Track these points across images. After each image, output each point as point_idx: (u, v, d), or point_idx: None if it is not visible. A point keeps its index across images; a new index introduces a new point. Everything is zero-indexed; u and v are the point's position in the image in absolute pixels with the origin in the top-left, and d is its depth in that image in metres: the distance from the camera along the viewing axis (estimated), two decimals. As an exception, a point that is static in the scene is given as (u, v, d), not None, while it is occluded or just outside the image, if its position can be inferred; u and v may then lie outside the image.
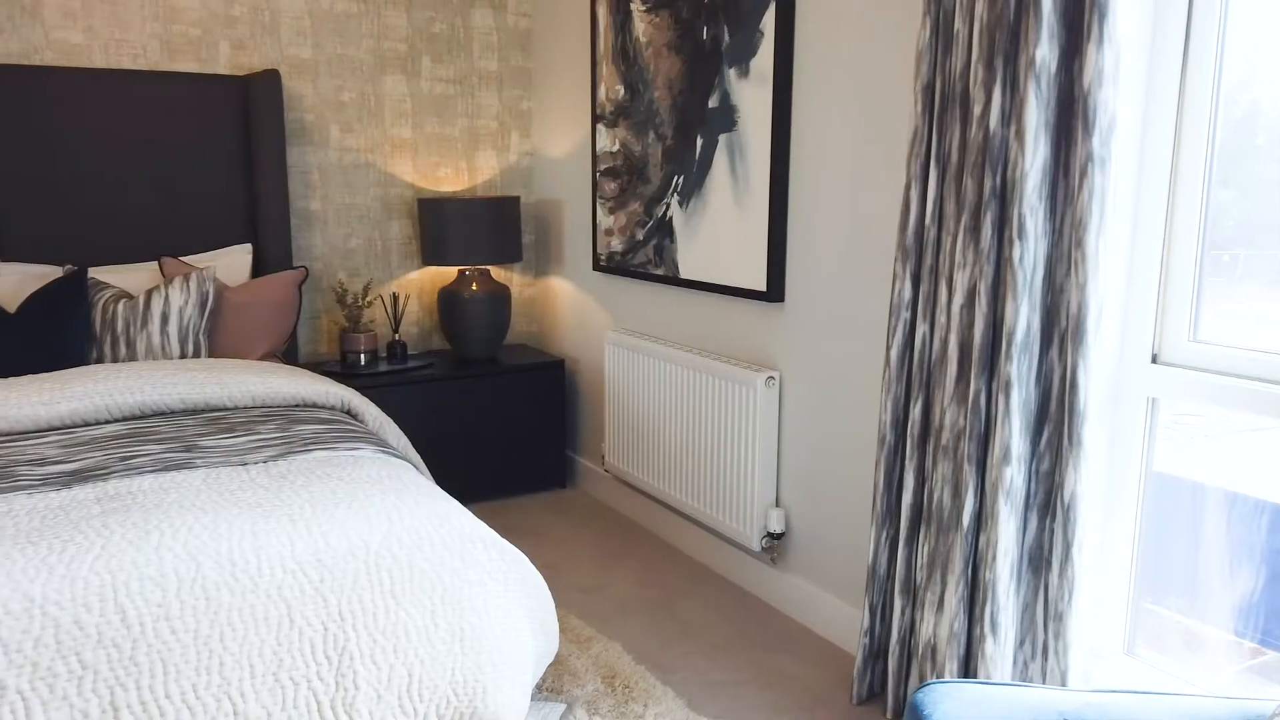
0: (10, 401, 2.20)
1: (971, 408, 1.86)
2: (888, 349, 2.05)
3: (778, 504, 2.70)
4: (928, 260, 1.96)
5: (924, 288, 1.97)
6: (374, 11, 3.49)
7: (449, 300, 3.53)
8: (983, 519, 1.87)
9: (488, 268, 3.66)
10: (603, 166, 3.34)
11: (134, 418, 2.34)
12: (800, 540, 2.64)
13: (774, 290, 2.59)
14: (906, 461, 2.04)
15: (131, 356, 2.75)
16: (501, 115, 3.80)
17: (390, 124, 3.59)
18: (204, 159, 3.19)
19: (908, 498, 2.04)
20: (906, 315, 2.02)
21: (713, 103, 2.75)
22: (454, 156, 3.74)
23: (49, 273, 2.87)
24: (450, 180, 3.75)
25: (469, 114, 3.74)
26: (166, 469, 1.94)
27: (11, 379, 2.40)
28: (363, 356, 3.41)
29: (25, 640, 1.39)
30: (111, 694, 1.42)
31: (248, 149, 3.26)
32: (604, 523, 3.38)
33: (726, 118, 2.71)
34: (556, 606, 2.67)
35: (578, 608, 2.70)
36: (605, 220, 3.35)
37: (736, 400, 2.69)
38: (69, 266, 2.92)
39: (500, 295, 3.58)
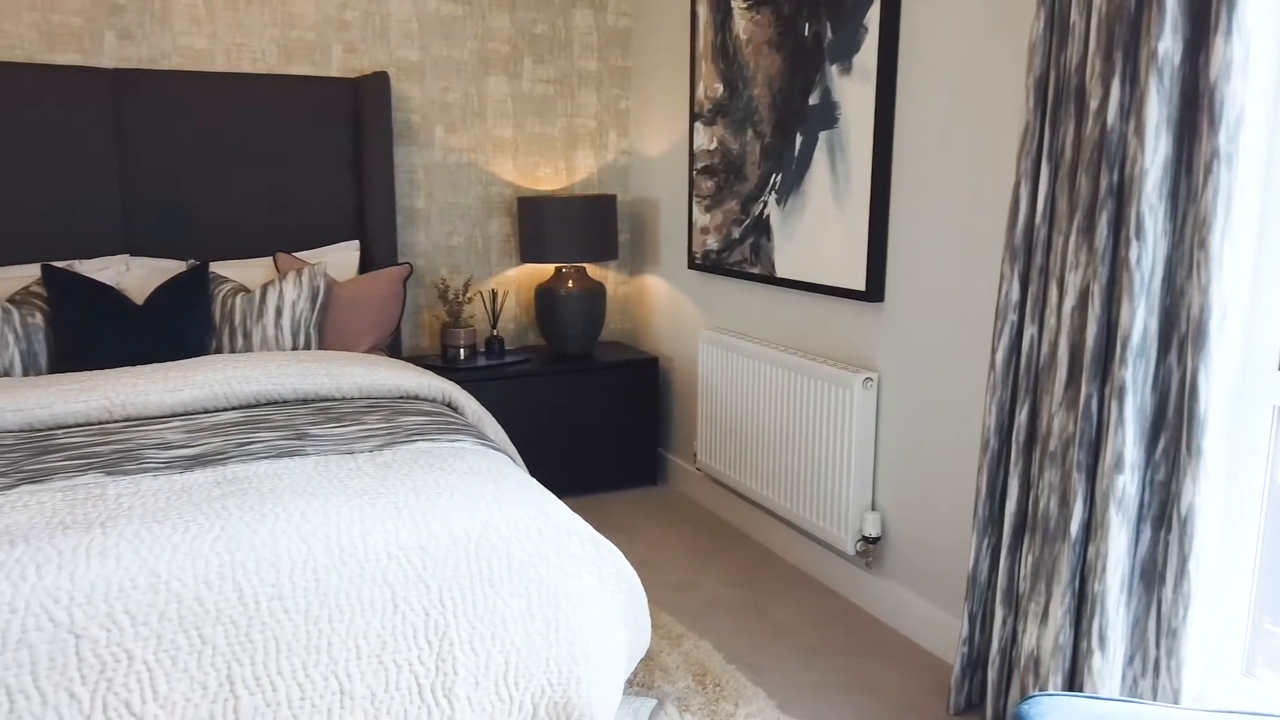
0: (139, 389, 2.33)
1: (1082, 413, 1.80)
2: (993, 351, 2.00)
3: (873, 507, 2.65)
4: (1037, 260, 1.90)
5: (1033, 289, 1.91)
6: (478, 14, 3.57)
7: (545, 297, 3.58)
8: (1092, 529, 1.80)
9: (584, 265, 3.70)
10: (699, 165, 3.34)
11: (250, 406, 2.45)
12: (896, 545, 2.59)
13: (873, 290, 2.55)
14: (1011, 468, 1.98)
15: (247, 347, 2.88)
16: (600, 115, 3.84)
17: (492, 124, 3.67)
18: (316, 159, 3.32)
19: (1011, 505, 1.99)
20: (1014, 317, 1.96)
21: (813, 100, 2.72)
22: (553, 156, 3.79)
23: (173, 267, 3.02)
24: (549, 179, 3.80)
25: (568, 114, 3.79)
26: (280, 455, 2.02)
27: (139, 367, 2.54)
28: (462, 351, 3.49)
29: (151, 613, 1.47)
30: (228, 668, 1.49)
31: (357, 149, 3.37)
32: (695, 521, 3.39)
33: (827, 115, 2.67)
34: (648, 602, 2.68)
35: (669, 605, 2.71)
36: (701, 219, 3.35)
37: (832, 401, 2.66)
38: (192, 261, 3.07)
39: (595, 292, 3.61)
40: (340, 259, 3.26)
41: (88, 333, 2.67)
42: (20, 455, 1.98)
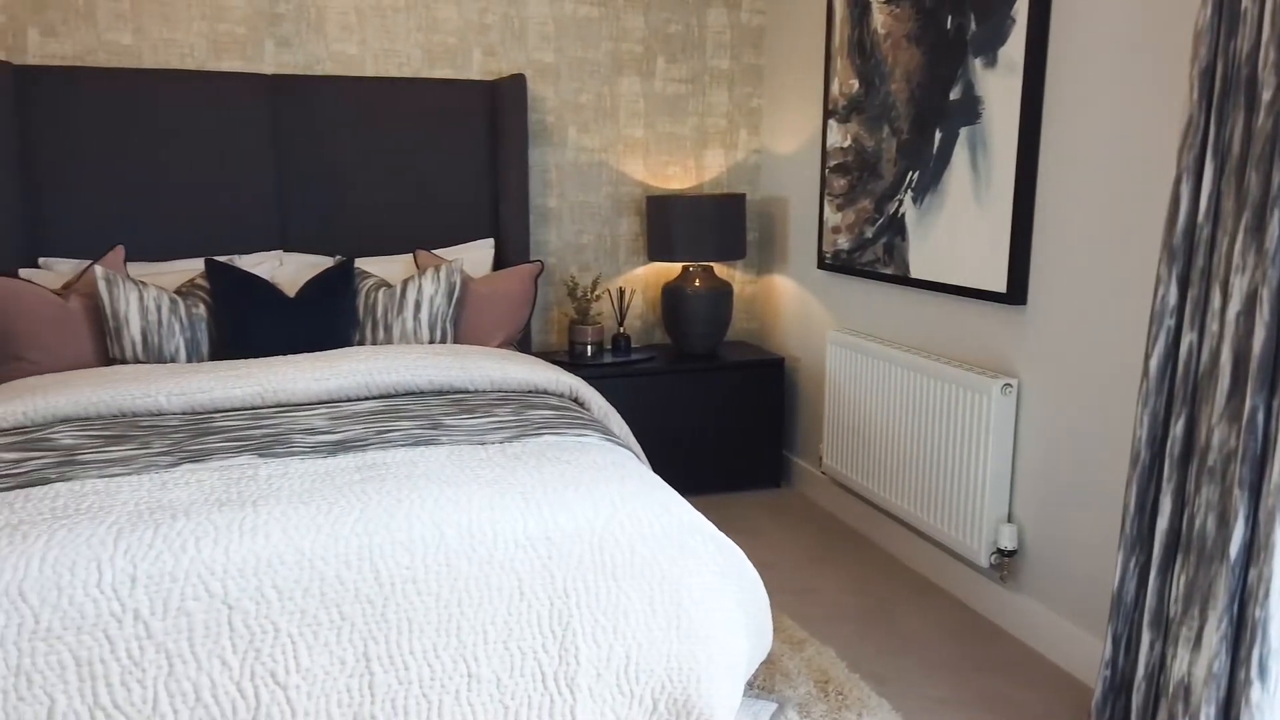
0: (289, 377, 2.47)
1: (1246, 427, 1.67)
2: (1146, 358, 1.88)
3: (1010, 519, 2.54)
4: (1199, 262, 1.78)
5: (1193, 292, 1.79)
6: (613, 15, 3.61)
7: (672, 295, 3.59)
8: (1254, 551, 1.67)
9: (711, 264, 3.69)
10: (832, 163, 3.28)
11: (389, 396, 2.55)
12: (1034, 559, 2.47)
13: (1015, 292, 2.44)
14: (1164, 483, 1.86)
15: (388, 340, 3.01)
16: (731, 113, 3.82)
17: (624, 124, 3.71)
18: (455, 159, 3.43)
19: (1163, 523, 1.86)
20: (1170, 322, 1.84)
21: (954, 95, 2.63)
22: (683, 155, 3.80)
23: (322, 262, 3.18)
24: (678, 178, 3.81)
25: (699, 112, 3.79)
26: (416, 444, 2.10)
27: (289, 356, 2.69)
28: (589, 348, 3.54)
29: (296, 589, 1.55)
30: (365, 645, 1.56)
31: (494, 149, 3.47)
32: (819, 525, 3.33)
33: (969, 110, 2.58)
34: (769, 605, 2.65)
35: (790, 609, 2.68)
36: (833, 218, 3.29)
37: (968, 407, 2.56)
38: (339, 257, 3.23)
39: (722, 292, 3.60)
40: (476, 256, 3.36)
41: (245, 323, 2.84)
42: (182, 436, 2.12)
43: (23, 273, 2.89)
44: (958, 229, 2.65)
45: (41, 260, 3.00)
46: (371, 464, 1.95)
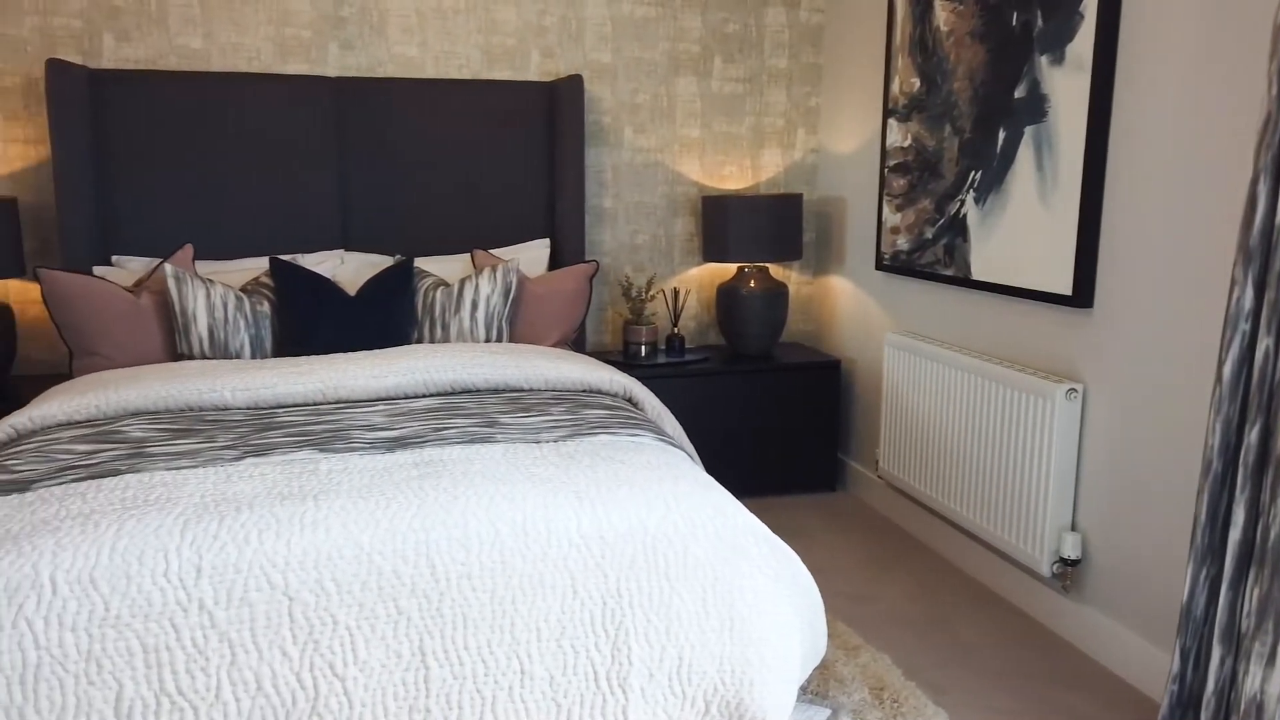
0: (349, 374, 2.51)
1: (1327, 436, 1.60)
2: (1220, 364, 1.82)
3: (1073, 528, 2.48)
4: (1276, 265, 1.71)
5: (1270, 295, 1.73)
6: (670, 15, 3.61)
7: (727, 296, 3.58)
8: (1335, 566, 1.60)
9: (766, 265, 3.67)
10: (892, 162, 3.23)
11: (445, 394, 2.58)
12: (1098, 569, 2.41)
13: (1081, 294, 2.38)
14: (1237, 493, 1.79)
15: (445, 338, 3.04)
16: (789, 113, 3.79)
17: (680, 124, 3.70)
18: (513, 160, 3.46)
19: (1236, 534, 1.80)
20: (1246, 327, 1.78)
21: (1019, 93, 2.58)
22: (739, 155, 3.78)
23: (382, 262, 3.23)
24: (734, 178, 3.79)
25: (756, 112, 3.76)
26: (472, 441, 2.12)
27: (349, 354, 2.74)
28: (643, 348, 3.54)
29: (354, 582, 1.58)
30: (420, 639, 1.58)
31: (550, 150, 3.49)
32: (875, 530, 3.28)
33: (1034, 108, 2.52)
34: (824, 610, 2.63)
35: (845, 614, 2.64)
36: (891, 218, 3.24)
37: (1031, 412, 2.50)
38: (399, 257, 3.28)
39: (778, 293, 3.57)
40: (532, 256, 3.38)
41: (307, 320, 2.90)
42: (247, 430, 2.17)
43: (97, 270, 2.99)
44: (1022, 230, 2.60)
45: (114, 258, 3.09)
46: (428, 461, 1.97)
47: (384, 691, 1.55)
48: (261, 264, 3.13)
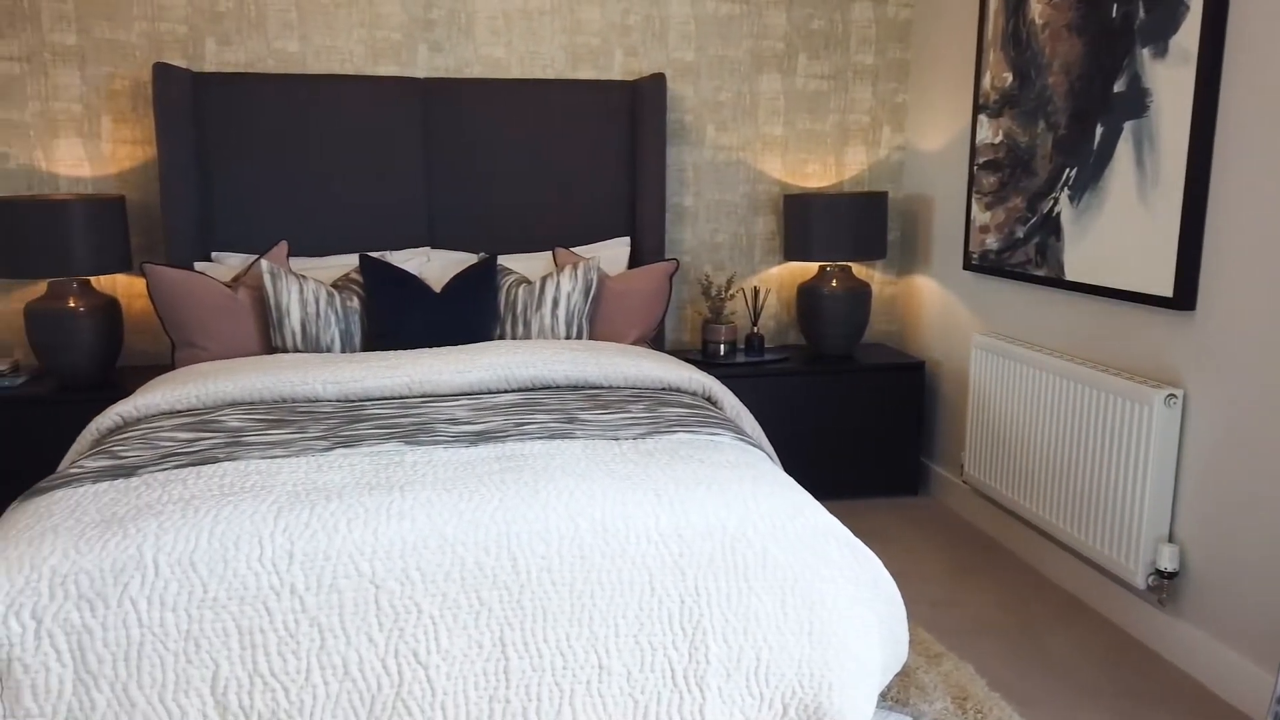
0: (434, 369, 2.56)
1: None
2: (1335, 370, 1.72)
3: (1171, 539, 2.38)
4: (1401, 266, 1.61)
5: (1393, 299, 1.63)
6: (755, 12, 3.58)
7: (808, 296, 3.54)
8: None
9: (849, 264, 3.61)
10: (981, 160, 3.15)
11: (526, 389, 2.61)
12: (1198, 583, 2.31)
13: (1183, 296, 2.28)
14: (1352, 507, 1.69)
15: (526, 335, 3.08)
16: (874, 110, 3.73)
17: (763, 122, 3.67)
18: (595, 159, 3.48)
19: (1351, 550, 1.70)
20: (1365, 331, 1.68)
21: (1118, 87, 2.48)
22: (823, 152, 3.73)
23: (467, 259, 3.29)
24: (817, 176, 3.75)
25: (841, 109, 3.71)
26: (552, 437, 2.14)
27: (435, 349, 2.79)
28: (722, 347, 3.52)
29: (438, 572, 1.61)
30: (501, 631, 1.60)
31: (632, 149, 3.50)
32: (958, 536, 3.21)
33: (1135, 103, 2.43)
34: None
35: (927, 621, 2.59)
36: (980, 217, 3.16)
37: (1127, 418, 2.41)
38: (483, 254, 3.33)
39: (860, 292, 3.52)
40: (612, 254, 3.40)
41: (394, 316, 2.97)
42: (336, 422, 2.23)
43: (197, 266, 3.11)
44: (1119, 229, 2.50)
45: (214, 255, 3.22)
46: (510, 455, 2.00)
47: (465, 680, 1.57)
48: (352, 261, 3.21)
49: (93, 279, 3.20)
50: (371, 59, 3.39)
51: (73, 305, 3.00)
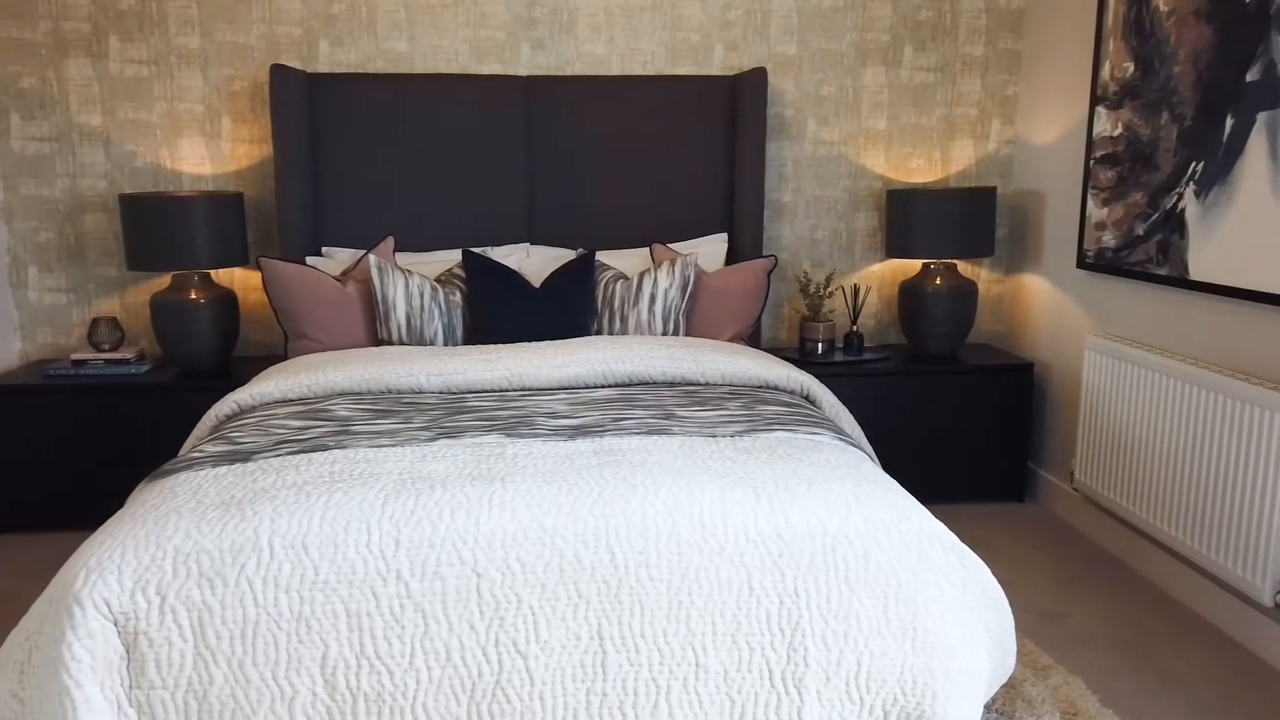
0: (532, 363, 2.59)
1: None
2: None
3: (1303, 556, 2.24)
4: None
5: None
6: (859, 4, 3.51)
7: (910, 294, 3.45)
8: None
9: (954, 262, 3.51)
10: (1099, 153, 3.02)
11: (623, 385, 2.62)
12: (1332, 604, 2.16)
13: (1321, 298, 2.14)
14: None
15: (623, 330, 3.09)
16: (983, 102, 3.62)
17: (866, 116, 3.60)
18: (693, 155, 3.47)
19: None
20: None
21: (1251, 75, 2.34)
22: (928, 147, 3.64)
23: (565, 255, 3.32)
24: (922, 171, 3.65)
25: (948, 102, 3.61)
26: (650, 433, 2.14)
27: (533, 344, 2.83)
28: (820, 345, 3.47)
29: (538, 564, 1.62)
30: (599, 624, 1.61)
31: (731, 144, 3.47)
32: (1067, 545, 3.08)
33: (1270, 92, 2.29)
34: (1009, 626, 2.49)
35: (1034, 632, 2.50)
36: (1097, 213, 3.03)
37: (1256, 426, 2.27)
38: (581, 250, 3.36)
39: (966, 291, 3.41)
40: (709, 250, 3.38)
41: (494, 310, 3.01)
42: (439, 413, 2.28)
43: (309, 260, 3.22)
44: (1250, 226, 2.36)
45: (324, 249, 3.33)
46: (608, 449, 2.00)
47: (563, 672, 1.59)
48: (455, 256, 3.28)
49: (212, 272, 3.34)
50: (476, 58, 3.45)
51: (194, 297, 3.15)
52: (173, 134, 3.38)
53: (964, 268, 3.70)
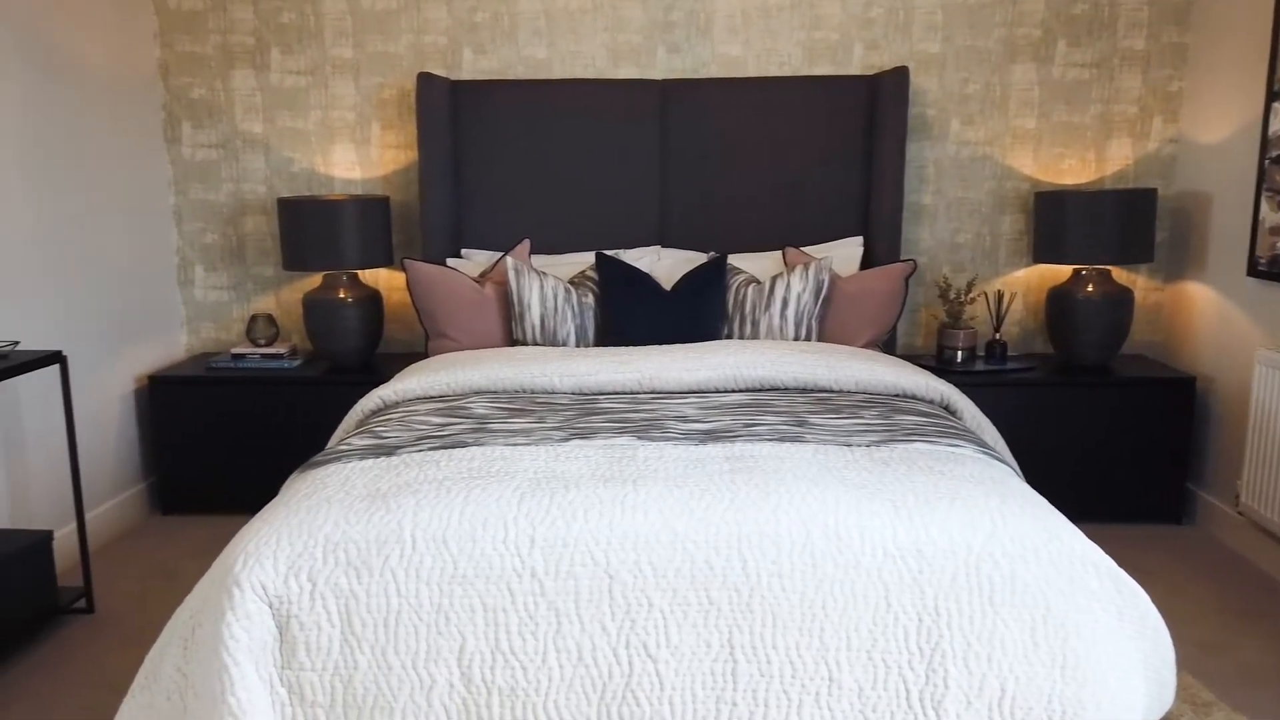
0: (663, 366, 2.60)
1: None
2: None
3: None
4: None
5: None
6: (1008, -2, 3.37)
7: (1059, 301, 3.28)
8: None
9: (1109, 268, 3.32)
10: (1275, 153, 2.80)
11: (754, 390, 2.59)
12: None
13: None
14: None
15: (754, 335, 3.06)
16: (1144, 99, 3.41)
17: (1014, 114, 3.45)
18: (828, 156, 3.40)
19: None
20: None
21: None
22: (1081, 146, 3.45)
23: (697, 258, 3.31)
24: (1074, 172, 3.47)
25: (1104, 99, 3.41)
26: (782, 440, 2.10)
27: (664, 346, 2.83)
28: (959, 353, 3.34)
29: (669, 568, 1.62)
30: (730, 632, 1.59)
31: (868, 146, 3.39)
32: (1231, 572, 2.86)
33: None
34: (1165, 657, 2.33)
35: (1193, 665, 2.33)
36: (1272, 217, 2.81)
37: None
38: (713, 253, 3.34)
39: (1120, 299, 3.22)
40: (844, 254, 3.31)
41: (626, 313, 3.03)
42: (571, 414, 2.31)
43: (449, 262, 3.33)
44: None
45: (463, 251, 3.43)
46: (739, 455, 1.98)
47: (694, 678, 1.57)
48: (588, 258, 3.32)
49: (360, 272, 3.50)
50: (612, 62, 3.48)
51: (342, 296, 3.30)
52: (326, 140, 3.56)
53: (1119, 274, 3.49)
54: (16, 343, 2.53)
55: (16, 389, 2.79)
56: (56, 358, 2.54)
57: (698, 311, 3.05)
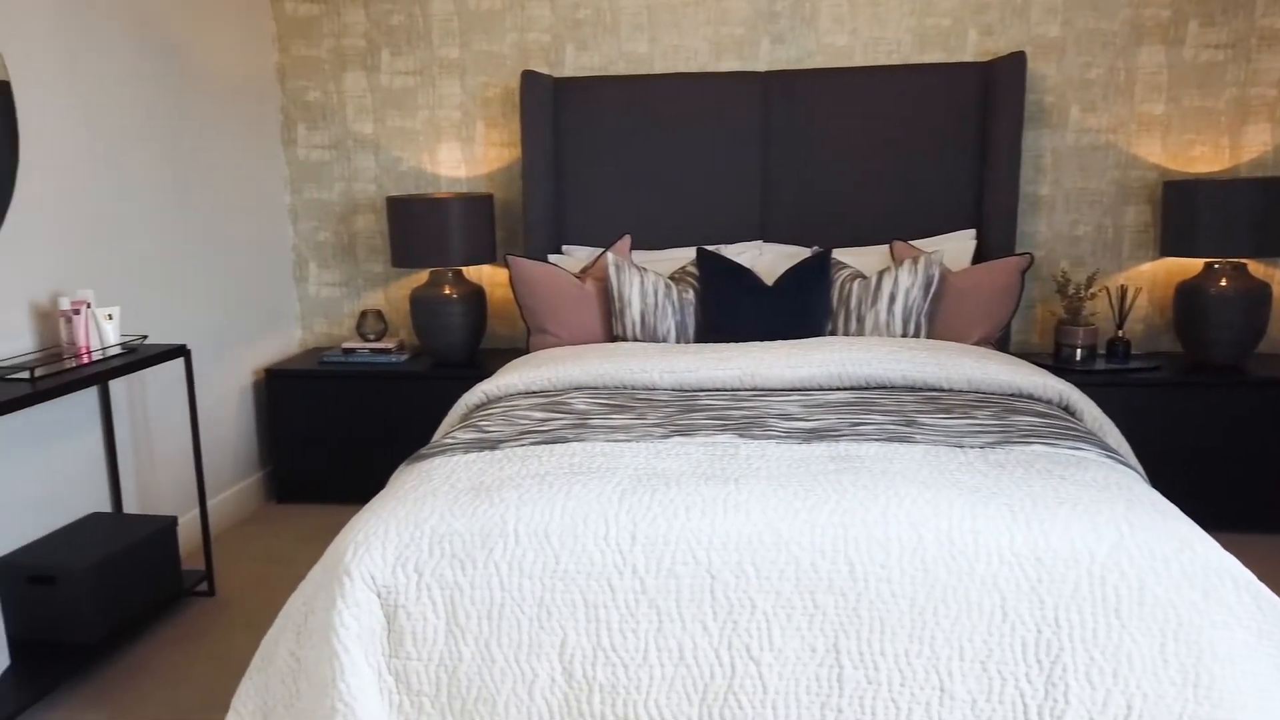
0: (765, 362, 2.55)
1: None
2: None
3: None
4: None
5: None
6: (1135, -24, 3.19)
7: (1189, 296, 3.10)
8: None
9: (1244, 261, 3.11)
10: None
11: (860, 388, 2.52)
12: None
13: None
14: None
15: (860, 331, 2.98)
16: (1286, 79, 3.18)
17: (1140, 100, 3.26)
18: (938, 147, 3.28)
19: None
20: None
21: None
22: (1214, 133, 3.24)
23: (799, 253, 3.25)
24: (1206, 160, 3.27)
25: (1240, 82, 3.20)
26: (889, 440, 2.03)
27: (766, 343, 2.78)
28: (1079, 351, 3.18)
29: (772, 570, 1.58)
30: (836, 638, 1.54)
31: (982, 135, 3.26)
32: (1383, 591, 2.65)
33: None
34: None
35: (1340, 689, 2.15)
36: None
37: None
38: (816, 248, 3.27)
39: (1257, 294, 3.02)
40: (955, 247, 3.19)
41: (727, 309, 3.00)
42: (672, 411, 2.29)
43: (550, 258, 3.35)
44: None
45: (564, 247, 3.45)
46: (844, 455, 1.92)
47: (797, 683, 1.53)
48: (688, 254, 3.29)
49: (464, 269, 3.56)
50: (715, 55, 3.45)
51: (448, 292, 3.36)
52: (433, 139, 3.63)
53: (1255, 268, 3.27)
54: (145, 337, 2.66)
55: (145, 381, 2.94)
56: (181, 351, 2.66)
57: (801, 307, 2.99)
